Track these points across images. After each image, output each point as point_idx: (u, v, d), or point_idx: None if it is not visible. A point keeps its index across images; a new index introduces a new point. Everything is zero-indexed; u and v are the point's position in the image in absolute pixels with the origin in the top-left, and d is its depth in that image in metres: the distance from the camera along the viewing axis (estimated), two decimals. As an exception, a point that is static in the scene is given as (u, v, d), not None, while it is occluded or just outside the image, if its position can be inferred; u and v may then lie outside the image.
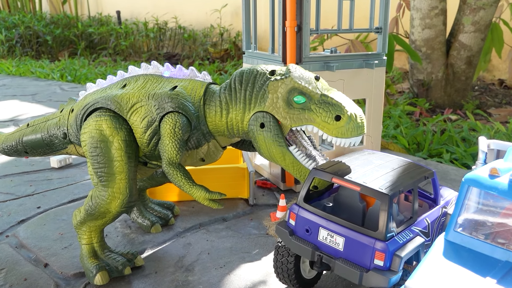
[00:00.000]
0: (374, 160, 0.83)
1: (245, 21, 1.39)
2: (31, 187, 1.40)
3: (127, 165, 0.86)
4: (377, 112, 1.33)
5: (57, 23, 5.21)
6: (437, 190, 0.84)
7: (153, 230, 1.08)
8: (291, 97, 0.76)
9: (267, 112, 0.78)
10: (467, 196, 0.67)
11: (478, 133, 1.90)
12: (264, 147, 0.79)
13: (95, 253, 0.92)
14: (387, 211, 0.69)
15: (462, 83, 2.41)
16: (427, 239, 0.77)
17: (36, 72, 3.80)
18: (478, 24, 2.26)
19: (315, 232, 0.76)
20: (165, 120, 0.83)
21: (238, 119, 0.82)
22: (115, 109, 0.88)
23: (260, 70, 0.81)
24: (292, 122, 0.77)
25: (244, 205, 1.24)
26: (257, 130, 0.79)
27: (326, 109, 0.74)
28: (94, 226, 0.90)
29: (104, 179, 0.85)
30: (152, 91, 0.87)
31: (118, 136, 0.85)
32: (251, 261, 0.97)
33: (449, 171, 1.48)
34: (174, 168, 0.83)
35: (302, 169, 0.79)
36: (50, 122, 0.98)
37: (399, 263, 0.68)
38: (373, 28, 1.30)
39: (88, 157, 0.87)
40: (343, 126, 0.73)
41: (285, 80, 0.77)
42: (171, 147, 0.82)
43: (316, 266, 0.75)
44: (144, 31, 4.80)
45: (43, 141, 0.99)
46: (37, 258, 1.00)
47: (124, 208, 0.87)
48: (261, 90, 0.79)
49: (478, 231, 0.66)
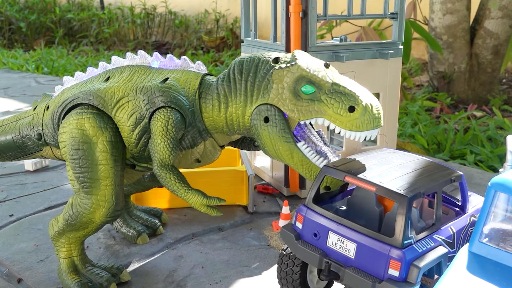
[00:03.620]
0: (393, 159, 0.83)
1: (243, 5, 1.39)
2: (2, 192, 1.40)
3: (113, 169, 0.85)
4: (393, 108, 1.33)
5: (32, 7, 5.21)
6: (466, 196, 0.83)
7: (139, 240, 1.08)
8: (299, 87, 0.76)
9: (271, 104, 0.78)
10: (494, 203, 0.67)
11: (506, 132, 1.90)
12: (269, 144, 0.79)
13: (75, 267, 0.91)
14: (405, 215, 0.69)
15: (488, 75, 2.41)
16: (451, 250, 0.77)
17: (9, 63, 3.80)
18: (506, 9, 2.26)
19: (324, 236, 0.76)
20: (156, 117, 0.83)
21: (239, 114, 0.82)
22: (98, 105, 0.87)
23: (263, 58, 0.81)
24: (300, 115, 0.77)
25: (243, 213, 1.24)
26: (260, 125, 0.79)
27: (338, 99, 0.74)
28: (74, 238, 0.89)
29: (87, 185, 0.85)
30: (140, 84, 0.87)
31: (103, 137, 0.85)
32: (251, 276, 0.97)
33: (473, 175, 1.48)
34: (166, 171, 0.83)
35: (312, 168, 0.79)
36: (22, 122, 0.98)
37: (417, 274, 0.68)
38: (388, 13, 1.30)
39: (68, 160, 0.87)
40: (358, 118, 0.73)
41: (291, 68, 0.77)
42: (163, 146, 0.82)
43: (323, 275, 0.75)
44: (130, 17, 4.80)
45: (14, 143, 0.98)
46: (9, 272, 1.00)
47: (110, 217, 0.87)
48: (264, 80, 0.79)
49: (506, 242, 0.66)
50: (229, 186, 1.25)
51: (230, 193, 1.26)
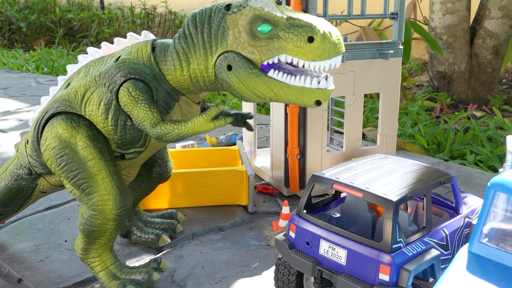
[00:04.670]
0: (384, 165, 0.83)
1: (243, 5, 1.39)
2: (2, 192, 1.40)
3: (102, 160, 0.86)
4: (393, 108, 1.33)
5: (32, 7, 5.21)
6: (458, 197, 0.84)
7: (160, 242, 1.07)
8: (255, 27, 0.75)
9: (229, 51, 0.77)
10: (494, 203, 0.67)
11: (506, 132, 1.90)
12: (243, 89, 0.77)
13: (114, 275, 0.91)
14: (392, 220, 0.69)
15: (488, 75, 2.41)
16: (445, 252, 0.77)
17: (9, 63, 3.80)
18: (506, 9, 2.26)
19: (316, 244, 0.77)
20: (121, 93, 0.83)
21: (202, 68, 0.81)
22: (66, 108, 0.88)
23: (214, 7, 0.80)
24: (261, 56, 0.75)
25: (243, 213, 1.24)
26: (227, 75, 0.77)
27: (296, 32, 0.73)
28: (101, 248, 0.89)
29: (86, 185, 0.85)
30: (97, 72, 0.87)
31: (79, 135, 0.86)
32: (251, 276, 0.97)
33: (473, 175, 1.48)
34: (160, 126, 0.82)
35: (297, 90, 0.75)
36: (11, 167, 0.99)
37: (407, 278, 0.68)
38: (388, 13, 1.30)
39: (58, 173, 0.87)
40: (319, 47, 0.72)
41: (244, 10, 0.76)
42: (143, 112, 0.82)
43: (316, 283, 0.75)
44: (130, 17, 4.80)
45: (11, 190, 0.99)
46: (9, 272, 1.00)
47: (121, 208, 0.86)
48: (219, 28, 0.78)
49: (506, 242, 0.66)
50: (229, 186, 1.25)
51: (230, 193, 1.26)
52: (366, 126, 2.03)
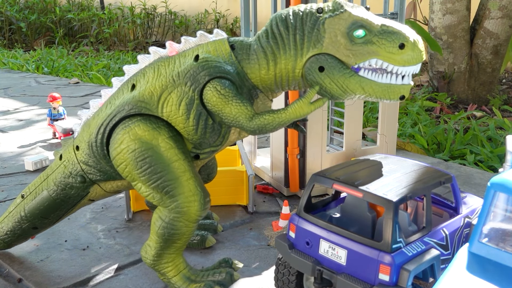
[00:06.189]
0: (385, 165, 0.84)
1: (243, 5, 1.39)
2: (2, 192, 1.40)
3: (186, 161, 0.85)
4: (392, 108, 1.33)
5: (32, 8, 5.21)
6: (458, 197, 0.84)
7: (207, 243, 1.06)
8: (351, 32, 0.77)
9: (321, 53, 0.79)
10: (494, 203, 0.67)
11: (506, 132, 1.90)
12: (335, 88, 0.79)
13: (189, 279, 0.89)
14: (392, 219, 0.69)
15: (488, 75, 2.41)
16: (444, 252, 0.77)
17: (9, 63, 3.80)
18: (506, 9, 2.26)
19: (316, 244, 0.77)
20: (209, 93, 0.81)
21: (289, 68, 0.82)
22: (142, 110, 0.85)
23: (305, 10, 0.81)
24: (356, 59, 0.78)
25: (243, 213, 1.24)
26: (318, 76, 0.79)
27: (389, 39, 0.76)
28: (175, 252, 0.87)
29: (170, 188, 0.83)
30: (173, 72, 0.85)
31: (161, 136, 0.84)
32: (251, 276, 0.97)
33: (473, 175, 1.48)
34: (259, 118, 0.81)
35: (385, 88, 0.79)
36: (54, 176, 0.95)
37: (407, 278, 0.69)
38: (387, 13, 1.30)
39: (136, 177, 0.85)
40: (408, 54, 0.76)
41: (343, 15, 0.78)
42: (236, 107, 0.81)
43: (316, 283, 0.75)
44: (130, 17, 4.80)
45: (55, 201, 0.95)
46: (9, 272, 1.00)
47: (204, 209, 0.85)
48: (313, 31, 0.79)
49: (506, 242, 0.66)
50: (229, 186, 1.25)
51: (230, 193, 1.26)
52: (366, 126, 2.03)
